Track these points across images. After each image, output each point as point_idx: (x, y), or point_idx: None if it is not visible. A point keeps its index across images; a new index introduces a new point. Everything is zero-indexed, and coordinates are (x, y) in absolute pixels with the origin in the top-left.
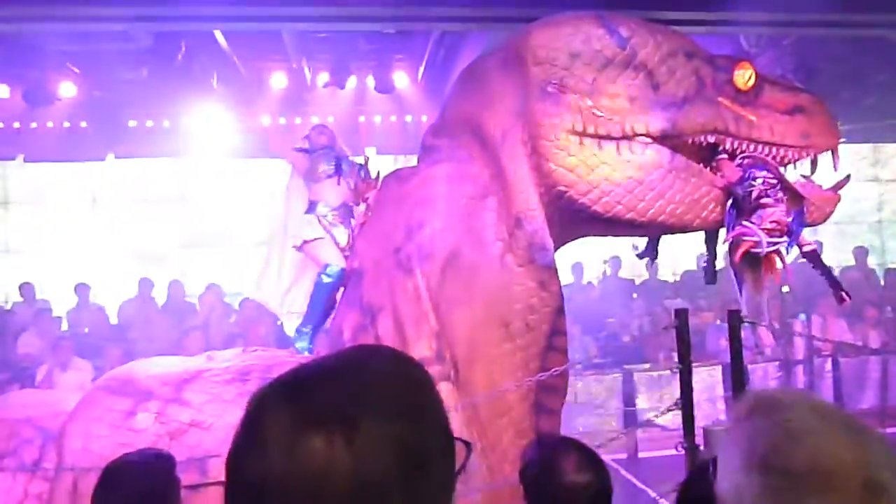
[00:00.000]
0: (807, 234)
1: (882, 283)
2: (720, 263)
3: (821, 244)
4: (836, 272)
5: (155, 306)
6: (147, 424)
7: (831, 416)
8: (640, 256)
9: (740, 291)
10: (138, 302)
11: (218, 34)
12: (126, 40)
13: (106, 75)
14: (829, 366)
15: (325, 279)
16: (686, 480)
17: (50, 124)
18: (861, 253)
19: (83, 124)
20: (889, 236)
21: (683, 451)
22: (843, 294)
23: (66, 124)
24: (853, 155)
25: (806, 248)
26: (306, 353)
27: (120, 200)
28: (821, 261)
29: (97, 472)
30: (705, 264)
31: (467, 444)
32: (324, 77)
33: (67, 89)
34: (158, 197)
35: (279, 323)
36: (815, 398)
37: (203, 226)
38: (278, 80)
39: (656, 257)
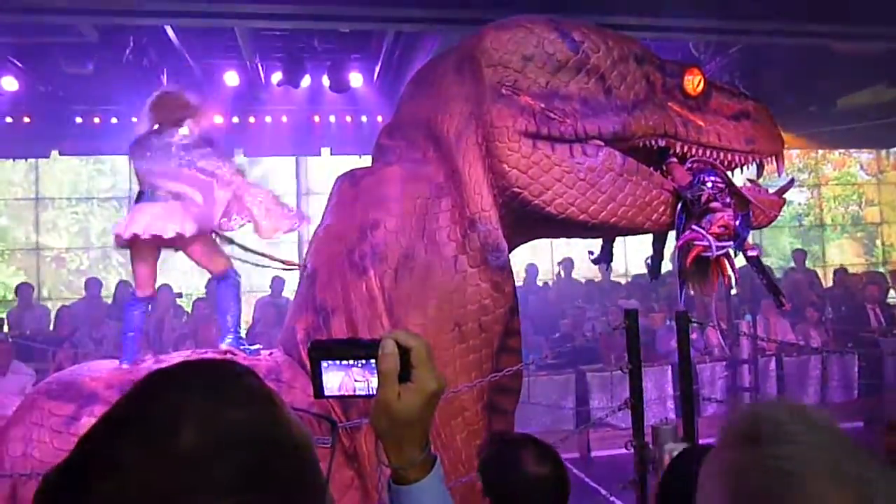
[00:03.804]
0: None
1: (827, 283)
2: (667, 264)
3: (760, 248)
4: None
5: (104, 307)
6: None
7: (834, 451)
8: (596, 262)
9: (681, 293)
10: (86, 303)
11: (169, 30)
12: (71, 34)
13: (50, 69)
14: (773, 365)
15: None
16: (666, 471)
17: None
18: (800, 255)
19: (26, 119)
20: (812, 240)
21: (633, 450)
22: (782, 299)
23: (9, 119)
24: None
25: (750, 253)
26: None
27: (65, 198)
28: (762, 266)
29: (37, 478)
30: (650, 261)
31: (333, 423)
32: (278, 76)
33: (9, 83)
34: (105, 195)
35: None
36: (817, 423)
37: None
38: (231, 78)
39: (611, 261)
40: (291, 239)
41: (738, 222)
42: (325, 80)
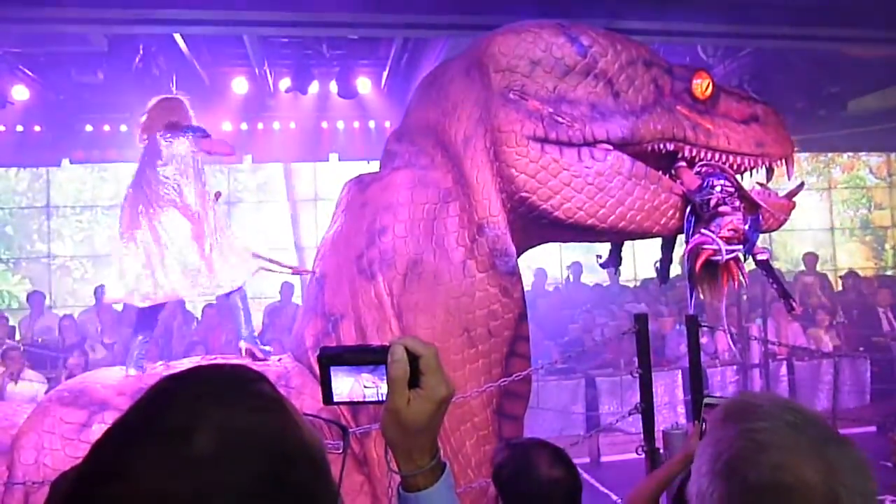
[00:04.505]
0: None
1: (838, 287)
2: (676, 268)
3: (770, 252)
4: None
5: (114, 315)
6: None
7: (805, 429)
8: (604, 266)
9: (691, 297)
10: (96, 310)
11: (178, 38)
12: (81, 43)
13: (61, 78)
14: (784, 369)
15: None
16: (682, 480)
17: (2, 128)
18: (811, 259)
19: (37, 128)
20: (822, 244)
21: (644, 455)
22: (793, 303)
23: (20, 128)
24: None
25: (759, 257)
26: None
27: (69, 206)
28: (773, 270)
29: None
30: (659, 265)
31: (344, 429)
32: (286, 82)
33: (20, 93)
34: (110, 202)
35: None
36: (794, 407)
37: None
38: (240, 85)
39: (620, 265)
40: (289, 245)
41: (747, 226)
42: (333, 87)
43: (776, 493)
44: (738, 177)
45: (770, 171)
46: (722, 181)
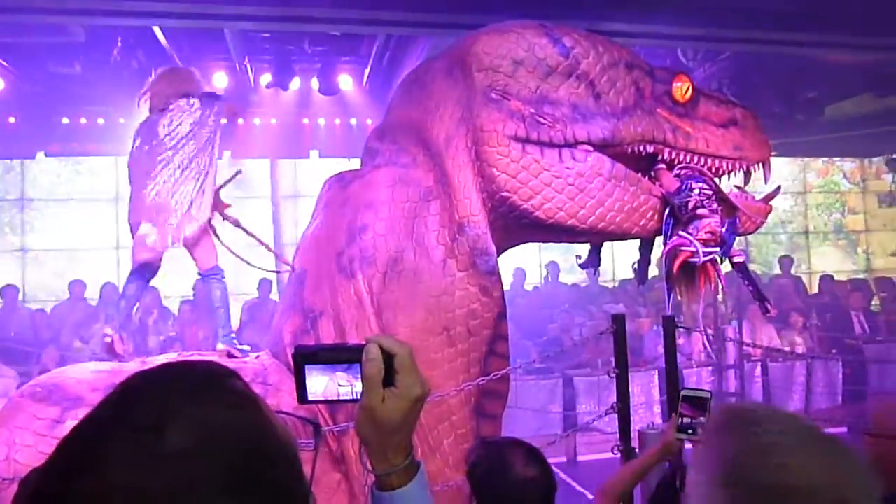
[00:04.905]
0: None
1: (814, 290)
2: (654, 269)
3: (746, 255)
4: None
5: (88, 309)
6: None
7: (802, 433)
8: (584, 266)
9: (669, 298)
10: (70, 305)
11: (157, 31)
12: (59, 34)
13: (37, 69)
14: (758, 370)
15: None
16: (655, 491)
17: None
18: (787, 262)
19: (12, 119)
20: (797, 247)
21: (619, 455)
22: (768, 306)
23: None
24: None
25: (736, 260)
26: (244, 353)
27: (42, 199)
28: (749, 272)
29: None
30: (637, 266)
31: (316, 427)
32: (267, 78)
33: None
34: (91, 196)
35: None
36: (787, 414)
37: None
38: (220, 80)
39: (599, 266)
40: (268, 243)
41: (724, 228)
42: (315, 83)
43: (784, 495)
44: (716, 180)
45: (747, 175)
46: (700, 184)
